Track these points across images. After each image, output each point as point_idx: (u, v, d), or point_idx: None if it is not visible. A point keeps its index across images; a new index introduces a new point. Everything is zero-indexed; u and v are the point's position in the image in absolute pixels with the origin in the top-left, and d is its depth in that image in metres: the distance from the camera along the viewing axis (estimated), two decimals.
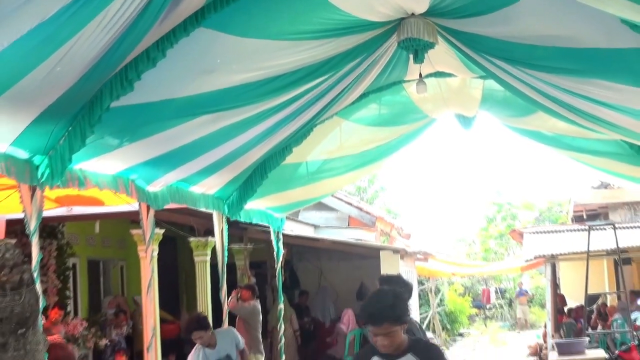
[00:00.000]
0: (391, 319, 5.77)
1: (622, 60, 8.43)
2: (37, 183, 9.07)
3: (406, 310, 6.11)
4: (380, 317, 5.79)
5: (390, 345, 5.84)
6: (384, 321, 5.76)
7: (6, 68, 6.99)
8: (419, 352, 5.95)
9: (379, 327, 5.78)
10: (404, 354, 5.94)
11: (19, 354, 2.99)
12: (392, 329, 5.74)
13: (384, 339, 5.80)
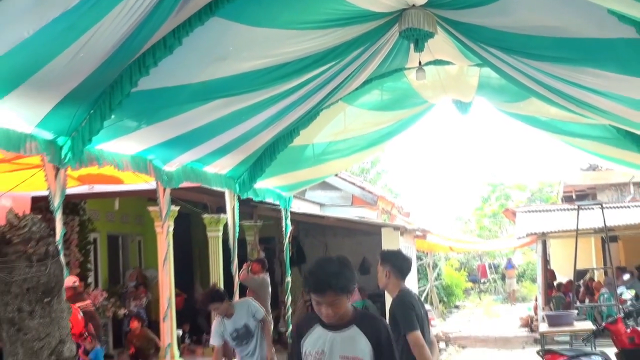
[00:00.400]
0: (335, 288, 5.31)
1: (611, 50, 8.41)
2: (60, 162, 9.10)
3: (352, 280, 5.52)
4: (324, 285, 5.32)
5: (334, 315, 5.39)
6: (328, 290, 5.30)
7: (31, 54, 7.00)
8: (363, 325, 5.50)
9: (322, 295, 5.34)
10: (347, 325, 5.50)
11: (45, 321, 3.00)
12: (336, 298, 5.31)
13: (327, 308, 5.35)
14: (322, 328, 5.55)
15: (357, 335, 5.46)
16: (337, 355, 5.44)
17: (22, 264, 3.00)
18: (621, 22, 7.53)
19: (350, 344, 5.43)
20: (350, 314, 5.53)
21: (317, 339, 5.55)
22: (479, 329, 28.52)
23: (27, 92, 7.64)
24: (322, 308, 5.37)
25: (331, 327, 5.50)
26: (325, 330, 5.54)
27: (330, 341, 5.47)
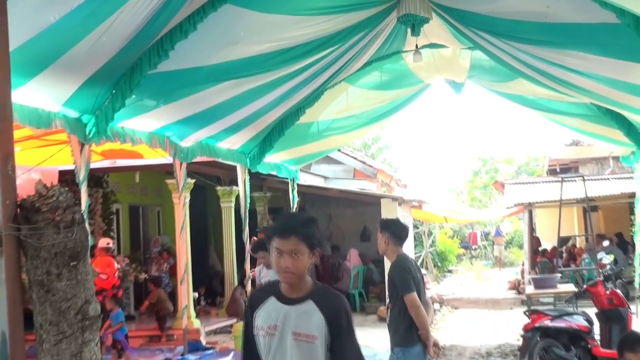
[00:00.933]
0: (300, 234, 4.66)
1: (593, 34, 8.38)
2: (85, 139, 9.12)
3: (317, 237, 4.87)
4: (289, 229, 4.70)
5: (294, 271, 4.65)
6: (292, 233, 4.66)
7: (58, 39, 7.00)
8: (320, 300, 4.79)
9: (286, 239, 4.65)
10: (304, 299, 4.80)
11: (71, 283, 3.02)
12: (299, 247, 4.63)
13: (288, 259, 4.63)
14: (276, 301, 4.86)
15: (312, 311, 4.79)
16: (290, 331, 4.76)
17: (50, 231, 3.01)
18: (602, 8, 7.49)
19: (305, 320, 4.76)
20: (308, 286, 4.89)
21: (270, 312, 4.83)
22: (470, 292, 28.58)
23: (54, 73, 7.65)
24: (281, 260, 4.68)
25: (286, 301, 4.81)
26: (279, 304, 4.84)
27: (284, 315, 4.78)
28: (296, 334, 4.72)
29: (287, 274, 4.68)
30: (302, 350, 4.73)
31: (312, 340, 4.71)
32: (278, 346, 4.75)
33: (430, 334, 7.57)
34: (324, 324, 4.69)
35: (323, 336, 4.74)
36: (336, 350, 4.81)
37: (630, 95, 10.36)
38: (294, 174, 17.10)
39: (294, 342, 4.74)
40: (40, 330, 3.07)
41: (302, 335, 4.74)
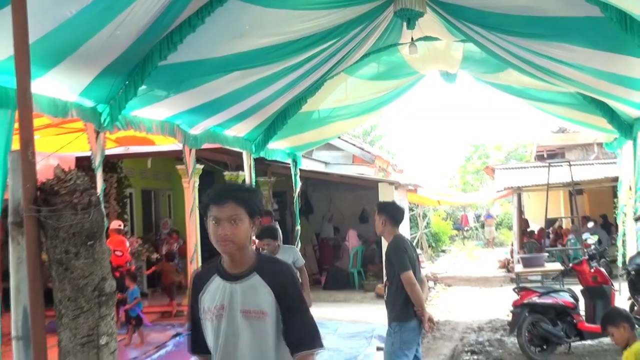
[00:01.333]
0: (238, 199, 4.18)
1: (578, 26, 8.37)
2: (100, 127, 9.13)
3: (257, 203, 4.40)
4: (225, 194, 4.20)
5: (234, 239, 4.12)
6: (229, 199, 4.16)
7: (74, 32, 6.99)
8: (265, 272, 4.29)
9: (223, 206, 4.14)
10: (248, 273, 4.28)
11: (89, 262, 3.03)
12: (238, 213, 4.13)
13: (227, 226, 4.10)
14: (220, 279, 4.34)
15: (258, 285, 4.28)
16: (238, 309, 4.25)
17: (68, 212, 3.02)
18: (587, 2, 7.49)
19: (252, 295, 4.26)
20: (252, 259, 4.36)
21: (214, 292, 4.31)
22: (462, 270, 28.63)
23: (70, 65, 7.65)
24: (219, 229, 4.14)
25: (230, 278, 4.29)
26: (223, 282, 4.33)
27: (230, 293, 4.27)
28: (245, 311, 4.25)
29: (227, 242, 4.15)
30: (254, 328, 4.27)
31: (263, 316, 4.26)
32: (228, 327, 4.27)
33: (425, 310, 7.59)
34: (273, 297, 4.24)
35: (273, 311, 4.28)
36: (289, 324, 4.33)
37: (613, 85, 10.35)
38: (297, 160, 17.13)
39: (244, 320, 4.27)
40: (59, 306, 3.09)
41: (251, 312, 4.28)
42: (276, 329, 4.28)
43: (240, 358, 4.29)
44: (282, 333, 4.29)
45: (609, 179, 21.43)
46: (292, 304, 4.30)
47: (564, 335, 11.15)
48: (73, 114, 8.60)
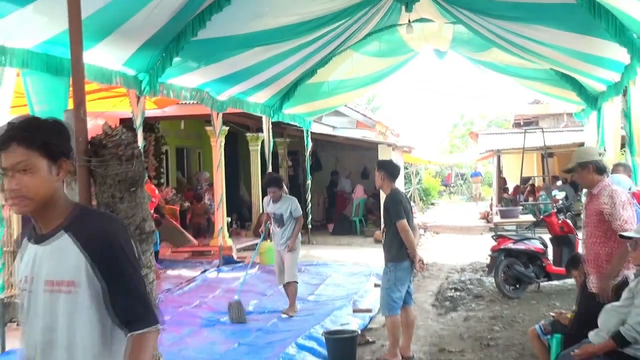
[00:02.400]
0: (26, 140, 2.66)
1: (553, 11, 8.31)
2: (140, 92, 9.16)
3: (56, 139, 2.77)
4: (7, 135, 2.69)
5: (27, 194, 2.62)
6: (12, 141, 2.66)
7: (119, 10, 7.00)
8: (80, 232, 2.74)
9: (7, 151, 2.66)
10: (55, 232, 2.77)
11: (131, 205, 3.04)
12: (30, 159, 2.60)
13: (14, 177, 2.65)
14: (29, 243, 2.90)
15: (67, 247, 2.75)
16: (42, 280, 2.77)
17: (115, 163, 3.02)
18: None
19: (58, 261, 2.75)
20: (63, 214, 2.80)
21: (25, 260, 2.87)
22: (448, 220, 28.64)
23: (116, 39, 7.66)
24: (7, 181, 2.70)
25: (37, 239, 2.82)
26: (31, 245, 2.87)
27: (34, 260, 2.81)
28: (49, 282, 2.77)
29: (19, 199, 2.68)
30: (61, 305, 2.75)
31: (72, 288, 2.73)
32: (30, 305, 2.84)
33: (417, 253, 7.62)
34: (85, 262, 2.72)
35: (87, 280, 2.73)
36: (114, 297, 2.79)
37: (582, 62, 10.30)
38: (309, 124, 17.12)
39: (47, 295, 2.77)
40: None
41: (55, 283, 2.76)
42: (97, 305, 2.78)
43: (54, 352, 2.82)
44: (109, 310, 2.81)
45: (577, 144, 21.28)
46: (113, 270, 2.77)
47: (534, 276, 11.20)
48: (117, 81, 8.64)
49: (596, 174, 5.93)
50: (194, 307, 10.29)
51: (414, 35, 11.75)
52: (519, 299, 10.95)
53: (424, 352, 8.00)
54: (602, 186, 5.89)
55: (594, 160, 5.98)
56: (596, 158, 6.05)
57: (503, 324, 9.28)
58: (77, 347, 2.74)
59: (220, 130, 14.53)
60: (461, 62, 14.36)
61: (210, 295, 11.17)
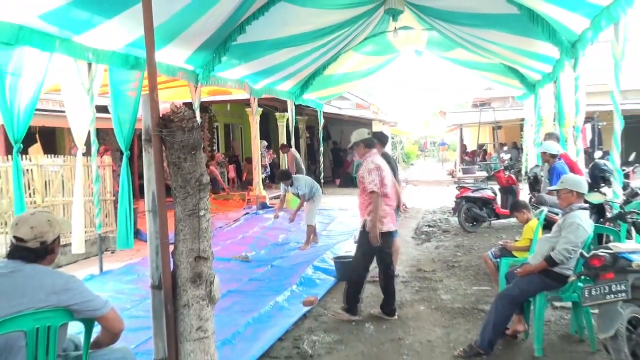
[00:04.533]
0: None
1: (503, 19, 8.20)
2: (197, 82, 9.13)
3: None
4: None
5: None
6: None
7: (181, 21, 6.97)
8: None
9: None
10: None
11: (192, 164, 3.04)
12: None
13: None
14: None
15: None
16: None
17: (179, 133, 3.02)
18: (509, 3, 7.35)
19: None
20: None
21: None
22: (424, 176, 28.62)
23: (179, 42, 7.63)
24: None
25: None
26: None
27: None
28: None
29: None
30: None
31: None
32: None
33: (402, 199, 7.62)
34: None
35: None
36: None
37: (524, 57, 10.23)
38: (321, 106, 17.03)
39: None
40: (174, 192, 3.11)
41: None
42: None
43: None
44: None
45: (518, 119, 21.20)
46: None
47: (487, 216, 11.19)
48: (180, 75, 8.61)
49: (366, 148, 6.03)
50: (239, 240, 10.37)
51: (399, 38, 11.65)
52: (476, 233, 10.96)
53: (406, 272, 8.03)
54: (366, 157, 5.97)
55: (362, 139, 6.06)
56: (364, 137, 6.10)
57: (464, 251, 9.30)
58: None
59: (256, 111, 14.46)
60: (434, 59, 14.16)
61: (250, 231, 11.24)
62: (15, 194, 5.66)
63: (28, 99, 5.68)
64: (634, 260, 4.12)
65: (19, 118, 5.59)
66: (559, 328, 5.41)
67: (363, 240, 5.84)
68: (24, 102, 5.64)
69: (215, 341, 3.23)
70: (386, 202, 5.84)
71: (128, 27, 6.34)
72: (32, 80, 5.73)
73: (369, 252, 5.85)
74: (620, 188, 5.88)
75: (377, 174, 5.76)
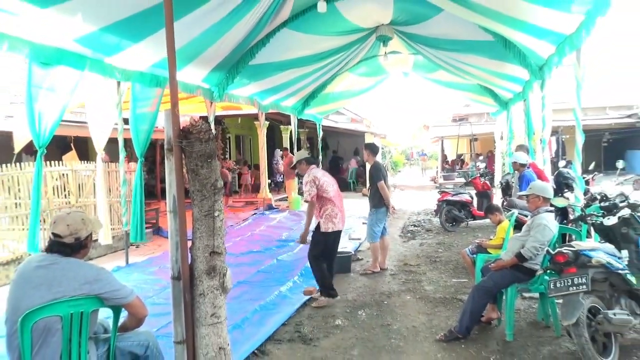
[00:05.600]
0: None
1: (480, 45, 8.17)
2: (212, 99, 9.12)
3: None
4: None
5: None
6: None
7: (198, 46, 6.94)
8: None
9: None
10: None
11: (208, 170, 3.03)
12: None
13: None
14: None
15: None
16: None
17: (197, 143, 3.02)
18: (485, 31, 7.36)
19: None
20: None
21: None
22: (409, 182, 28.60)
23: (197, 63, 7.61)
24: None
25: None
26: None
27: None
28: None
29: None
30: None
31: None
32: None
33: (390, 202, 7.63)
34: None
35: None
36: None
37: (498, 79, 10.21)
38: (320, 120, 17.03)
39: None
40: (192, 195, 3.10)
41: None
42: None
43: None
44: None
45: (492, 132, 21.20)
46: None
47: (465, 217, 11.19)
48: (198, 92, 8.60)
49: (307, 165, 6.24)
50: (248, 237, 10.35)
51: (388, 61, 11.62)
52: (455, 232, 10.96)
53: (394, 265, 8.03)
54: (307, 172, 6.15)
55: (303, 158, 6.30)
56: (305, 156, 6.34)
57: (444, 248, 9.30)
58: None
59: (264, 124, 14.47)
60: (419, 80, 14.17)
61: (257, 229, 11.22)
62: (33, 192, 5.64)
63: (57, 112, 5.69)
64: (594, 257, 4.12)
65: (46, 127, 5.60)
66: (527, 316, 5.41)
67: (313, 238, 6.15)
68: (53, 114, 5.64)
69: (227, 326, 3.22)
70: (332, 205, 6.16)
71: (153, 49, 6.34)
72: (63, 95, 5.75)
73: (319, 246, 6.14)
74: (582, 193, 5.88)
75: (312, 185, 6.06)
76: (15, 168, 7.91)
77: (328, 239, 6.16)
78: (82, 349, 2.83)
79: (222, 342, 3.08)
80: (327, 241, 6.16)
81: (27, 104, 5.38)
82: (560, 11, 5.29)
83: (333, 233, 6.15)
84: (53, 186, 8.69)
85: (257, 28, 7.37)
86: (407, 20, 8.57)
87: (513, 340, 4.69)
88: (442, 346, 4.66)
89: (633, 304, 4.28)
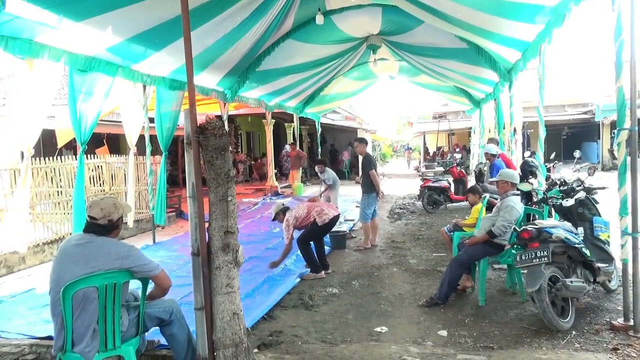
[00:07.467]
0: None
1: (456, 52, 8.14)
2: (225, 100, 9.07)
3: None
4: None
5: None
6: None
7: (212, 53, 6.89)
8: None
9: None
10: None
11: (222, 161, 3.02)
12: None
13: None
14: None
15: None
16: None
17: (212, 138, 3.00)
18: (460, 40, 7.31)
19: None
20: None
21: None
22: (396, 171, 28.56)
23: (211, 70, 7.57)
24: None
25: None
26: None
27: None
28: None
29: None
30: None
31: None
32: None
33: (380, 188, 7.62)
34: None
35: None
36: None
37: (471, 81, 10.17)
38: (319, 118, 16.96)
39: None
40: (209, 182, 3.09)
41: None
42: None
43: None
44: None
45: (467, 127, 21.15)
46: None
47: (444, 201, 11.18)
48: (213, 95, 8.55)
49: (283, 215, 6.07)
50: (257, 219, 10.35)
51: (377, 67, 11.57)
52: (435, 214, 10.96)
53: (383, 242, 8.04)
54: (284, 219, 5.98)
55: (280, 209, 6.13)
56: (281, 208, 6.16)
57: (426, 227, 9.31)
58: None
59: (270, 122, 14.40)
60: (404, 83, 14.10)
61: (266, 212, 11.22)
62: (77, 182, 5.63)
63: (94, 112, 5.67)
64: (554, 233, 4.13)
65: (86, 126, 5.58)
66: (497, 284, 5.43)
67: (312, 229, 6.00)
68: (91, 115, 5.63)
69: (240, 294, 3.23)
70: (318, 208, 6.06)
71: (173, 57, 6.30)
72: (98, 98, 5.72)
73: (312, 234, 6.03)
74: (544, 179, 5.89)
75: (288, 229, 5.89)
76: (57, 161, 7.89)
77: (327, 227, 6.07)
78: (115, 315, 2.84)
79: (235, 309, 3.09)
80: (326, 228, 6.08)
81: (70, 106, 5.37)
82: (525, 22, 5.27)
83: (330, 221, 6.03)
84: (90, 176, 8.69)
85: (263, 38, 7.32)
86: (394, 30, 8.52)
87: (485, 305, 4.72)
88: (424, 310, 4.68)
89: (587, 273, 4.31)
